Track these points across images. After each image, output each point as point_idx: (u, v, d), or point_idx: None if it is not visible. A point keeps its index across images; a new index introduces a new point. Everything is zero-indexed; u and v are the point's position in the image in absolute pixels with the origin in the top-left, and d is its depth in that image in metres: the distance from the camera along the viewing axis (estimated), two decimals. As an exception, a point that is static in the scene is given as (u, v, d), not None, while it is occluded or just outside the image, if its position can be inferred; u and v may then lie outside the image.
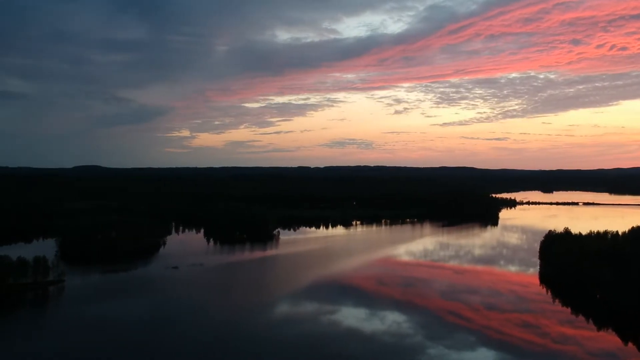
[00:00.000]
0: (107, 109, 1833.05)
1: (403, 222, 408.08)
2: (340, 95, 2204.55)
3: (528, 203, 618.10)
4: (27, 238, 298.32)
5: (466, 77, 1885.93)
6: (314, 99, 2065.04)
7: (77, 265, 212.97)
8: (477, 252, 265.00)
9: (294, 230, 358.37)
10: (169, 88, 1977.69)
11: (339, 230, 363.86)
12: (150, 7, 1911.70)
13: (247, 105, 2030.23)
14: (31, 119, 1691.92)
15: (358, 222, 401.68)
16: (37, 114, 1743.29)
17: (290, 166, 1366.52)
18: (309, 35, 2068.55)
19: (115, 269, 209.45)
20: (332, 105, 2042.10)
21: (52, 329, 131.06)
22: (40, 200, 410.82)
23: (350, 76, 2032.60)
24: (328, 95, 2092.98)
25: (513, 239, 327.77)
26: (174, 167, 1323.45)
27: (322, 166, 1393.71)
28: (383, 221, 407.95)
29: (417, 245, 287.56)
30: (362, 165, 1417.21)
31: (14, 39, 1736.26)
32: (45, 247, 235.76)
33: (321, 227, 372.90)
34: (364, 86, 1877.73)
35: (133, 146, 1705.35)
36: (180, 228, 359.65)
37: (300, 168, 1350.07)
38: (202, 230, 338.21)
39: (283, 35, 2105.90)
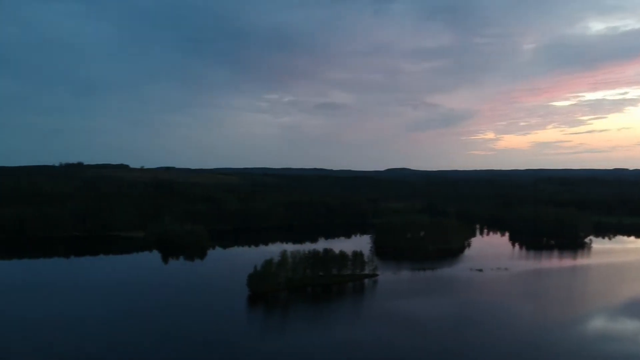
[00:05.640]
0: (416, 115, 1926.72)
1: None
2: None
3: None
4: (347, 233, 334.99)
5: None
6: (633, 93, 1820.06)
7: (388, 261, 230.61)
8: None
9: (609, 238, 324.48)
10: (474, 91, 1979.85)
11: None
12: (456, 12, 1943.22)
13: (555, 104, 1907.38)
14: (350, 126, 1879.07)
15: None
16: (356, 122, 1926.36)
17: (604, 168, 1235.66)
18: (628, 23, 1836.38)
19: (423, 267, 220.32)
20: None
21: (368, 319, 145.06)
22: (359, 200, 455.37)
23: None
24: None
25: None
26: (479, 169, 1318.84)
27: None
28: None
29: None
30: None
31: (337, 56, 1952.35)
32: (362, 243, 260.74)
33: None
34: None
35: (439, 149, 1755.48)
36: (485, 230, 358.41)
37: (615, 170, 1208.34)
38: (507, 234, 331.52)
39: (597, 26, 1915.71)
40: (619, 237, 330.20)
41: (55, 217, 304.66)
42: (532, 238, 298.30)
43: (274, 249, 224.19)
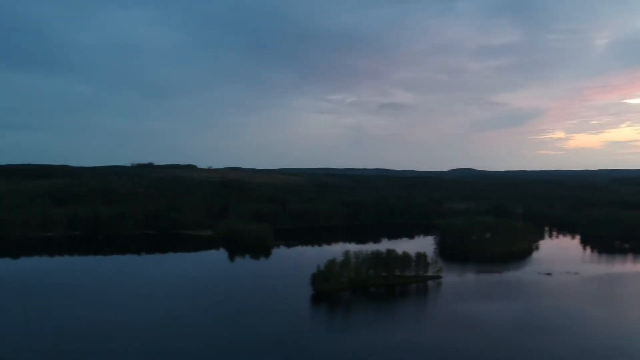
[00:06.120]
0: (481, 114, 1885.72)
1: None
2: None
3: None
4: (410, 234, 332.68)
5: None
6: None
7: (453, 262, 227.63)
8: None
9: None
10: (542, 89, 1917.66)
11: None
12: (525, 8, 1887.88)
13: (628, 101, 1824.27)
14: (414, 126, 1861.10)
15: None
16: (418, 122, 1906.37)
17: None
18: None
19: (488, 270, 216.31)
20: None
21: (431, 322, 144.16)
22: (422, 201, 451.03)
23: None
24: None
25: None
26: (548, 170, 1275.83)
27: None
28: None
29: None
30: None
31: (401, 56, 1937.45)
32: (425, 244, 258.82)
33: None
34: None
35: (505, 149, 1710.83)
36: (554, 233, 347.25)
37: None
38: (577, 237, 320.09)
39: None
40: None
41: (127, 216, 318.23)
42: (604, 241, 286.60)
43: (337, 249, 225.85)
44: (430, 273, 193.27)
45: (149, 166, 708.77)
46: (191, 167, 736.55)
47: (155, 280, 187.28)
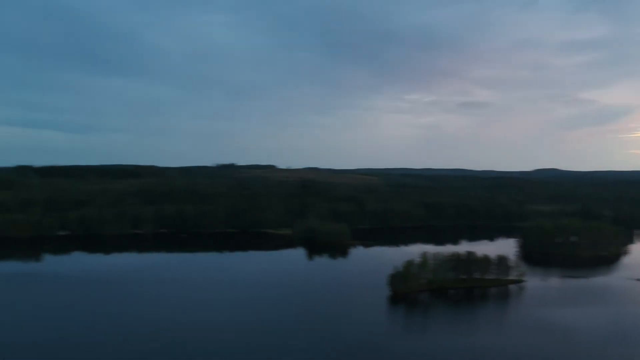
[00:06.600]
0: (567, 112, 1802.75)
1: None
2: None
3: None
4: (490, 236, 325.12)
5: None
6: None
7: (536, 266, 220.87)
8: None
9: None
10: (634, 85, 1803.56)
11: None
12: (612, 1, 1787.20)
13: None
14: (495, 125, 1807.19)
15: None
16: (499, 120, 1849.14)
17: None
18: None
19: (574, 275, 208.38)
20: None
21: (513, 327, 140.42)
22: (503, 202, 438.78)
23: None
24: None
25: None
26: (639, 170, 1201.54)
27: None
28: None
29: None
30: None
31: (481, 53, 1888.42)
32: (506, 247, 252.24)
33: None
34: None
35: (593, 148, 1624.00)
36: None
37: None
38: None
39: None
40: None
41: (210, 214, 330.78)
42: None
43: (414, 250, 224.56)
44: (511, 277, 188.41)
45: (231, 166, 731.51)
46: (271, 168, 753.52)
47: (236, 278, 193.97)
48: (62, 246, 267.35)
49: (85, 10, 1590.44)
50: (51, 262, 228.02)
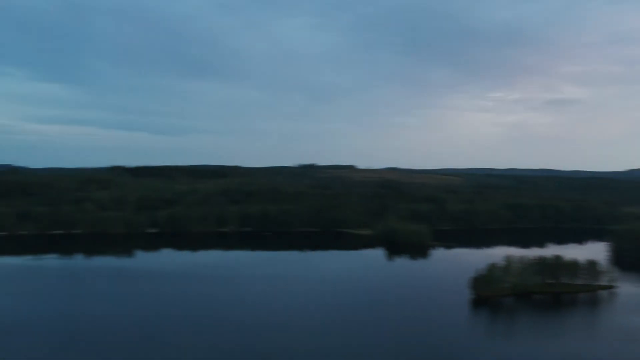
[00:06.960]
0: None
1: None
2: None
3: None
4: (579, 240, 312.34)
5: None
6: None
7: (630, 272, 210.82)
8: None
9: None
10: None
11: None
12: None
13: None
14: (584, 123, 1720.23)
15: None
16: (589, 118, 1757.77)
17: None
18: None
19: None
20: None
21: (603, 335, 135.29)
22: (593, 204, 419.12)
23: None
24: None
25: None
26: None
27: None
28: None
29: None
30: None
31: (569, 49, 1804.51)
32: (596, 251, 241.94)
33: None
34: None
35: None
36: None
37: None
38: None
39: None
40: None
41: (293, 214, 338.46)
42: None
43: (497, 252, 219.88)
44: (602, 282, 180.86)
45: (312, 167, 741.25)
46: (351, 168, 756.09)
47: (319, 277, 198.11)
48: (153, 243, 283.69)
49: (174, 16, 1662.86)
50: (148, 259, 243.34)
